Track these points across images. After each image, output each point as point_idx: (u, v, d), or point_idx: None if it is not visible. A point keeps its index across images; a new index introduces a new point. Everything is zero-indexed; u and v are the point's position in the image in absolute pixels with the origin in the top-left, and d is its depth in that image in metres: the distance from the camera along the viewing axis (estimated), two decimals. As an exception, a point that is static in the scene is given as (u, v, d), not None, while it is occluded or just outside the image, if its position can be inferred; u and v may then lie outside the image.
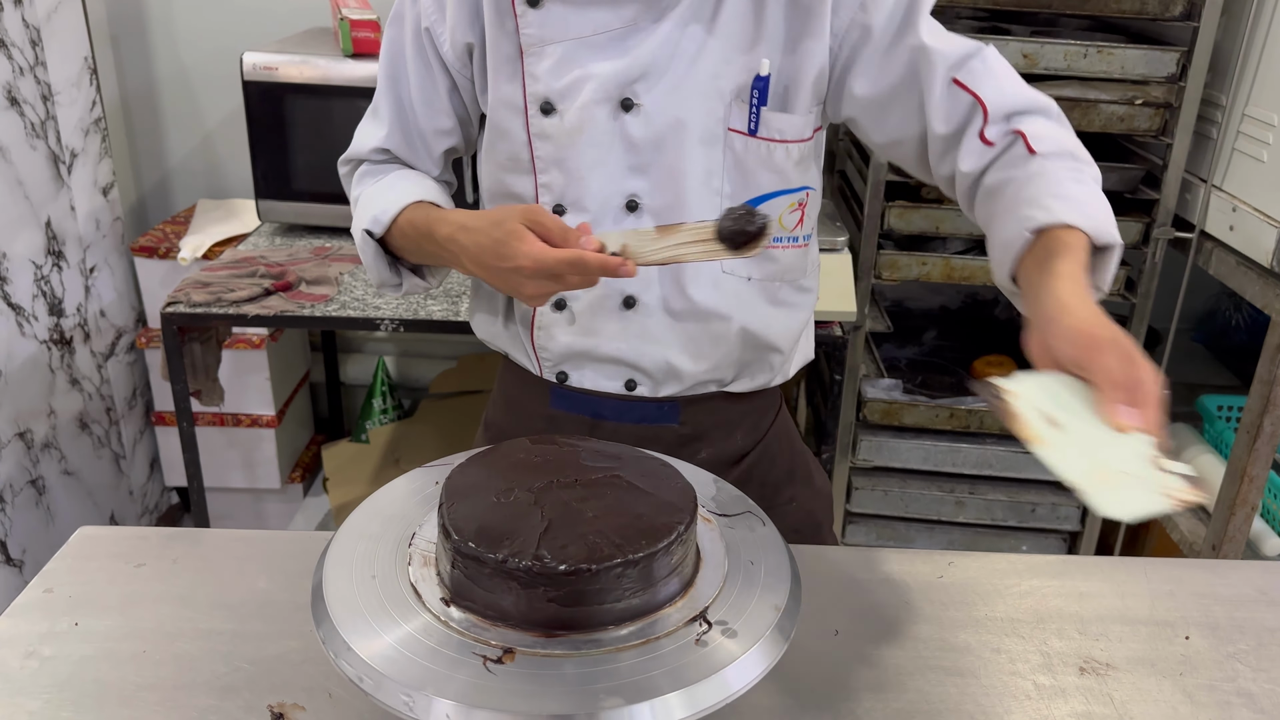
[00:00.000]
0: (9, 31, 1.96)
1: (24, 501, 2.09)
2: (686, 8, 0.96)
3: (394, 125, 1.08)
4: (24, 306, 2.06)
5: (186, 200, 2.66)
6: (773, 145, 1.00)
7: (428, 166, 1.10)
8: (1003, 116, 0.93)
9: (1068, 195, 0.84)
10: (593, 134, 0.99)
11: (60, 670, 0.88)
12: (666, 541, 0.72)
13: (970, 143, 0.93)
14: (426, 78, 1.05)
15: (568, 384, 1.09)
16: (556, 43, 0.97)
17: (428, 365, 2.87)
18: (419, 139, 1.08)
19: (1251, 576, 1.09)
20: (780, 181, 1.02)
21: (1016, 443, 2.39)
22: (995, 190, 0.91)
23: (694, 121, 0.98)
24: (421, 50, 1.04)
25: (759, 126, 0.99)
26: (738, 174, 1.01)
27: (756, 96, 0.97)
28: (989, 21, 2.12)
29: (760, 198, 1.02)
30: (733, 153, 1.00)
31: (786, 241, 1.05)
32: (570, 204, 1.02)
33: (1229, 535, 1.80)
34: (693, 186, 1.00)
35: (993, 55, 0.97)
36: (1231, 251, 1.78)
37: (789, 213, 1.04)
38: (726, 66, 0.97)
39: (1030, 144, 0.90)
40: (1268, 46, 1.72)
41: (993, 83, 0.94)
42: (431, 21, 1.02)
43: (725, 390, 1.11)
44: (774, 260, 1.05)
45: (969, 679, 0.92)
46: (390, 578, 0.75)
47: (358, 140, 1.11)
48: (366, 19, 2.07)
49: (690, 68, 0.97)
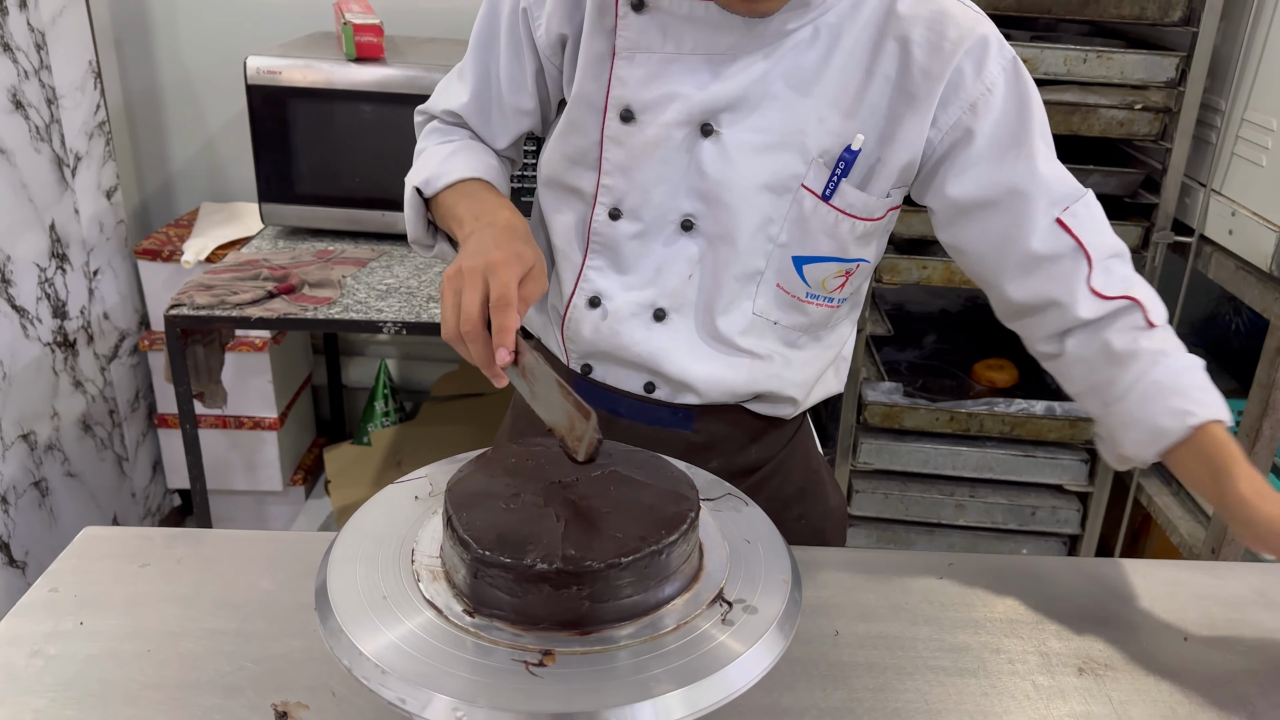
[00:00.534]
0: (14, 35, 1.98)
1: (27, 503, 2.10)
2: (790, 53, 0.94)
3: (475, 94, 1.08)
4: (28, 309, 2.07)
5: (190, 203, 2.67)
6: (841, 216, 0.98)
7: (496, 140, 1.10)
8: (1104, 264, 0.97)
9: (1203, 386, 0.93)
10: (666, 151, 0.97)
11: (65, 669, 0.89)
12: (684, 527, 0.74)
13: (1082, 291, 0.96)
14: (515, 56, 1.04)
15: (591, 377, 1.10)
16: (651, 53, 0.96)
17: (430, 368, 2.88)
18: (497, 112, 1.08)
19: (1249, 578, 1.10)
20: (837, 249, 1.01)
21: (1017, 446, 2.38)
22: (1127, 358, 0.95)
23: (769, 167, 0.97)
24: (515, 28, 1.03)
25: (834, 195, 0.97)
26: (798, 230, 1.00)
27: (842, 168, 0.96)
28: (989, 26, 2.12)
29: (813, 258, 1.01)
30: (799, 209, 0.98)
31: (822, 301, 1.05)
32: (628, 211, 1.01)
33: (1228, 538, 1.80)
34: (748, 228, 0.99)
35: (1094, 200, 0.99)
36: (1231, 256, 1.79)
37: (834, 277, 1.03)
38: (819, 126, 0.95)
39: (1149, 315, 0.95)
40: (1266, 51, 1.73)
41: (1090, 227, 0.97)
42: (530, 3, 1.01)
43: (743, 406, 1.11)
44: (804, 313, 1.05)
45: (968, 679, 0.92)
46: (399, 588, 0.76)
47: (438, 96, 1.12)
48: (370, 23, 2.08)
49: (780, 114, 0.95)
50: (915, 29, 0.93)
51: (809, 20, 0.93)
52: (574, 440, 0.81)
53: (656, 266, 1.02)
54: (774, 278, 1.02)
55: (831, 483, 1.26)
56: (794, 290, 1.03)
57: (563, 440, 0.81)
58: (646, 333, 1.04)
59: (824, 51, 0.94)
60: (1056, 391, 2.20)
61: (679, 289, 1.03)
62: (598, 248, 1.04)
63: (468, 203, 0.99)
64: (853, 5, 0.94)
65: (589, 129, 1.01)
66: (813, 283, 1.03)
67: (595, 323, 1.05)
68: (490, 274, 0.83)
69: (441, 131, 1.10)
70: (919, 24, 0.93)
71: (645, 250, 1.02)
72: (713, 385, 1.06)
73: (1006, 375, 2.24)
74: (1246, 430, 1.74)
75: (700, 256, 1.01)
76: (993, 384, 2.23)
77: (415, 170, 1.05)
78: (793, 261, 1.01)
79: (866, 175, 0.98)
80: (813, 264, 1.01)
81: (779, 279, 1.02)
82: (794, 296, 1.03)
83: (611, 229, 1.02)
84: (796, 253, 1.01)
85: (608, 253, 1.03)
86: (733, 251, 1.00)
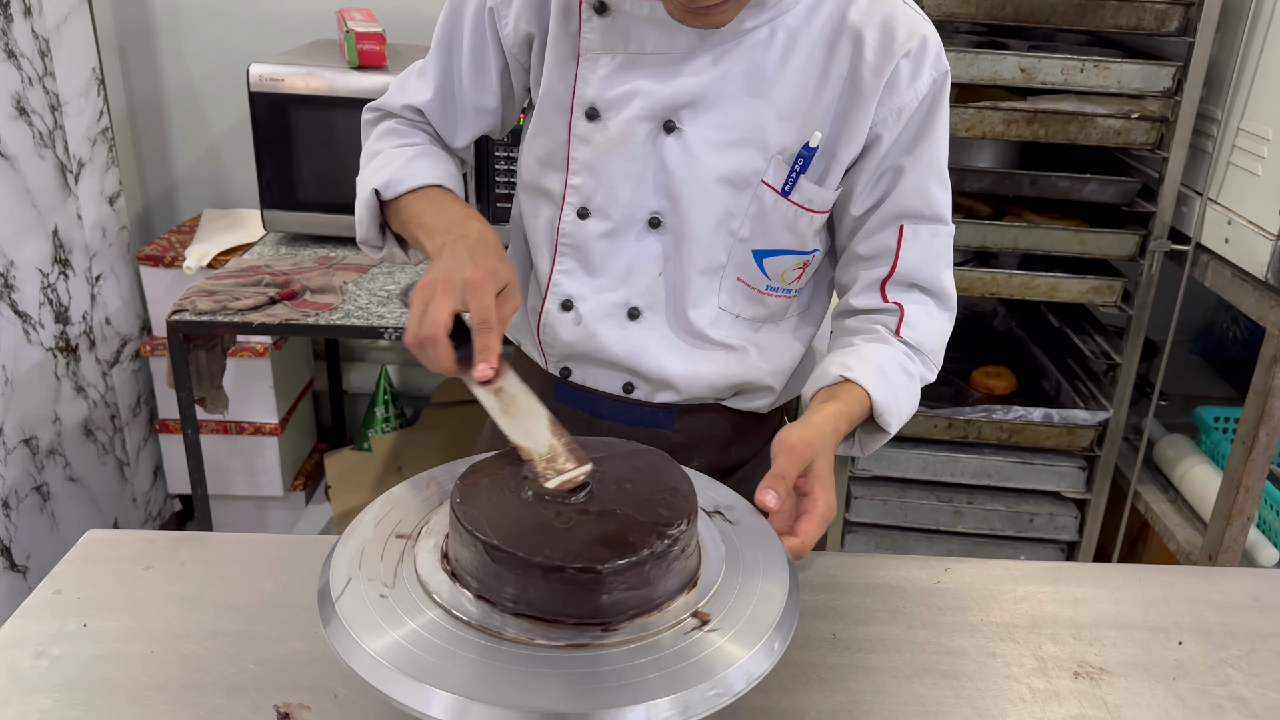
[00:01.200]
0: (18, 42, 1.99)
1: (29, 508, 2.10)
2: (748, 52, 0.97)
3: (438, 91, 1.09)
4: (30, 314, 2.08)
5: (192, 209, 2.68)
6: (800, 211, 1.02)
7: (456, 138, 1.11)
8: (905, 283, 1.04)
9: (891, 379, 0.99)
10: (631, 147, 1.00)
11: (70, 670, 0.90)
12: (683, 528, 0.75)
13: (871, 287, 1.05)
14: (480, 54, 1.06)
15: (570, 380, 1.12)
16: (614, 53, 0.99)
17: (430, 374, 2.88)
18: (458, 111, 1.10)
19: (1244, 583, 1.11)
20: (796, 242, 1.04)
21: (1015, 453, 2.38)
22: (852, 332, 1.06)
23: (730, 163, 0.99)
24: (480, 27, 1.05)
25: (793, 190, 1.00)
26: (759, 224, 1.02)
27: (800, 164, 0.99)
28: (987, 36, 2.14)
29: (773, 251, 1.04)
30: (760, 204, 1.01)
31: (781, 292, 1.08)
32: (596, 209, 1.03)
33: (1225, 545, 1.81)
34: (710, 223, 1.02)
35: (947, 234, 1.04)
36: (1227, 264, 1.80)
37: (792, 269, 1.06)
38: (778, 124, 0.98)
39: (901, 328, 1.03)
40: (1262, 61, 1.74)
41: (920, 254, 1.03)
42: (497, 2, 1.03)
43: (722, 404, 1.13)
44: (763, 305, 1.08)
45: (965, 682, 0.93)
46: (400, 588, 0.76)
47: (395, 92, 1.11)
48: (372, 32, 2.09)
49: (740, 112, 0.98)
50: (868, 31, 0.96)
51: (765, 21, 0.96)
52: (548, 469, 0.81)
53: (627, 266, 1.05)
54: (735, 271, 1.05)
55: None
56: (754, 283, 1.06)
57: (532, 464, 0.81)
58: (622, 332, 1.07)
59: (782, 52, 0.97)
60: (1054, 399, 2.21)
61: (650, 287, 1.05)
62: (566, 249, 1.06)
63: (435, 210, 0.99)
64: (810, 9, 0.97)
65: (557, 129, 1.03)
66: (772, 275, 1.06)
67: (570, 325, 1.07)
68: (469, 293, 0.84)
69: (399, 133, 1.10)
70: (871, 27, 0.96)
71: (615, 250, 1.04)
72: (690, 380, 1.08)
73: (1004, 382, 2.25)
74: (1243, 438, 1.74)
75: (667, 253, 1.04)
76: (990, 391, 2.24)
77: (372, 171, 1.05)
78: (753, 255, 1.04)
79: (822, 170, 1.01)
80: (772, 257, 1.04)
81: (739, 272, 1.05)
82: (754, 289, 1.06)
83: (580, 229, 1.04)
84: (757, 246, 1.04)
85: (577, 254, 1.05)
86: (696, 246, 1.03)
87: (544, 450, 0.82)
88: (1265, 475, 1.76)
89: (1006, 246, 1.98)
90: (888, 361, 1.00)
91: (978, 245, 1.97)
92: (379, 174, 1.03)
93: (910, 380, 1.02)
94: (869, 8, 0.97)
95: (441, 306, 0.84)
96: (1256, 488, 1.76)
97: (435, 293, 0.85)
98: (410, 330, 0.86)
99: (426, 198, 1.01)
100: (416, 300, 0.86)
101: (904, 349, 1.03)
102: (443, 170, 1.05)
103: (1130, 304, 1.99)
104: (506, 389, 0.85)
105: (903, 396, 1.00)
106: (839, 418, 0.93)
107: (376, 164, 1.05)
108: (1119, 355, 2.04)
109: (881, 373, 0.98)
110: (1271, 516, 1.90)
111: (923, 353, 1.04)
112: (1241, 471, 1.75)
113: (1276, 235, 1.63)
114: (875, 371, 0.98)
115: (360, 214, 1.05)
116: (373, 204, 1.04)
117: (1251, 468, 1.74)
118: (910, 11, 0.99)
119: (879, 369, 0.98)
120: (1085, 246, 1.96)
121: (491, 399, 0.85)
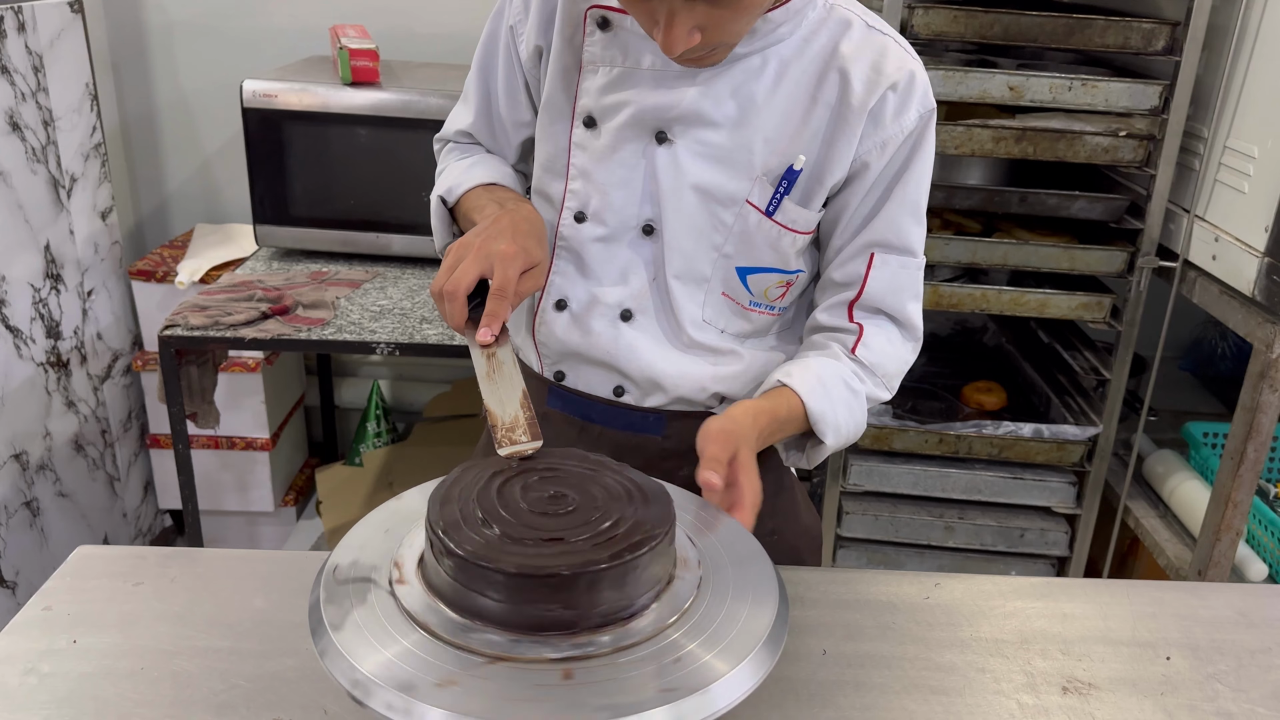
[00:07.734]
0: (11, 58, 1.99)
1: (18, 523, 2.10)
2: (739, 75, 1.00)
3: (479, 112, 1.16)
4: (21, 329, 2.08)
5: (185, 225, 2.69)
6: (783, 230, 1.04)
7: (508, 153, 1.19)
8: (871, 308, 1.07)
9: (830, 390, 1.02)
10: (624, 155, 1.04)
11: (59, 687, 0.89)
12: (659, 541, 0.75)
13: (839, 307, 1.08)
14: (510, 72, 1.12)
15: (564, 383, 1.14)
16: (613, 66, 1.03)
17: (422, 389, 2.88)
18: (500, 127, 1.16)
19: (1232, 599, 1.11)
20: (779, 261, 1.07)
21: (1005, 468, 2.38)
22: (810, 347, 1.10)
23: (716, 179, 1.02)
24: (509, 47, 1.11)
25: (776, 211, 1.03)
26: (742, 242, 1.05)
27: (784, 186, 1.02)
28: (976, 54, 2.16)
29: (756, 269, 1.07)
30: (744, 222, 1.04)
31: (764, 309, 1.10)
32: (591, 214, 1.06)
33: (1214, 560, 1.82)
34: (692, 232, 1.05)
35: (916, 267, 1.08)
36: (1214, 280, 1.81)
37: (775, 287, 1.09)
38: (764, 146, 1.01)
39: (857, 349, 1.07)
40: (1248, 80, 1.76)
41: (888, 282, 1.06)
42: (516, 20, 1.09)
43: (710, 412, 1.13)
44: (748, 320, 1.11)
45: (954, 698, 0.93)
46: (388, 604, 0.76)
47: (449, 123, 1.21)
48: (365, 48, 2.10)
49: (729, 132, 1.01)
50: (857, 63, 1.00)
51: (757, 49, 0.99)
52: (505, 437, 0.87)
53: (621, 270, 1.08)
54: (719, 285, 1.08)
55: (805, 502, 1.29)
56: (738, 298, 1.09)
57: (494, 429, 0.88)
58: (614, 331, 1.09)
59: (773, 81, 1.00)
60: (1045, 414, 2.22)
61: (642, 291, 1.08)
62: (563, 251, 1.09)
63: (490, 195, 1.07)
64: (803, 40, 1.01)
65: (558, 136, 1.08)
66: (756, 292, 1.09)
67: (565, 324, 1.10)
68: (498, 262, 0.91)
69: (459, 150, 1.19)
70: (861, 60, 1.00)
71: (609, 254, 1.08)
72: (678, 381, 1.10)
73: (995, 398, 2.26)
74: (1231, 453, 1.75)
75: (657, 260, 1.07)
76: (981, 406, 2.25)
77: (437, 185, 1.13)
78: (737, 272, 1.07)
79: (806, 192, 1.04)
80: (756, 274, 1.08)
81: (724, 287, 1.08)
82: (738, 304, 1.09)
83: (576, 232, 1.08)
84: (741, 263, 1.07)
85: (573, 256, 1.09)
86: (681, 256, 1.06)
87: (509, 420, 0.88)
88: (1254, 490, 1.77)
89: (996, 263, 1.99)
90: (830, 375, 1.03)
91: (968, 261, 1.99)
92: (441, 184, 1.12)
93: (853, 396, 1.04)
94: (861, 42, 1.00)
95: (470, 268, 0.91)
96: (1245, 503, 1.77)
97: (468, 254, 0.92)
98: (437, 281, 0.92)
99: (487, 192, 1.08)
100: (450, 255, 0.93)
101: (853, 367, 1.06)
102: (499, 171, 1.14)
103: (1119, 320, 2.00)
104: (499, 356, 0.92)
105: (841, 410, 1.02)
106: (760, 412, 0.97)
107: (441, 179, 1.14)
108: (1108, 371, 2.05)
109: (820, 382, 1.01)
110: (1260, 532, 1.91)
111: (875, 375, 1.07)
112: (1230, 487, 1.76)
113: (1263, 252, 1.65)
114: (814, 380, 1.01)
115: (434, 224, 1.14)
116: (441, 211, 1.12)
117: (1240, 483, 1.75)
118: (900, 49, 1.02)
119: (819, 379, 1.01)
120: (1074, 263, 1.97)
121: (483, 361, 0.92)
